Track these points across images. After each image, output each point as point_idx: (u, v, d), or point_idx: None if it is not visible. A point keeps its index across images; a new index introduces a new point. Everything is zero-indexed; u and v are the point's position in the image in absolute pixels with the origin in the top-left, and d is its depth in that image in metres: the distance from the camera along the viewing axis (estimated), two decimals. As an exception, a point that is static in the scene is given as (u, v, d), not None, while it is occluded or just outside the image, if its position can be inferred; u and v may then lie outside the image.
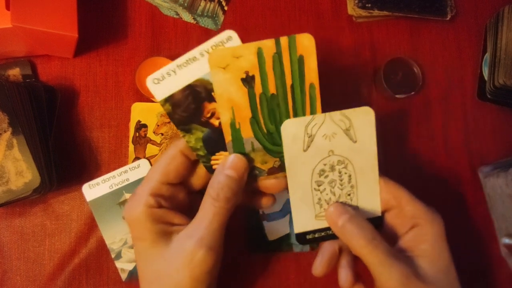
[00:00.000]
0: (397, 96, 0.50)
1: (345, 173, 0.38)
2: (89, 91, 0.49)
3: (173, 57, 0.48)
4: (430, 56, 0.54)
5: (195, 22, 0.51)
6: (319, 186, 0.38)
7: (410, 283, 0.35)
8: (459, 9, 0.54)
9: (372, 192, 0.39)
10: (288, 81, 0.36)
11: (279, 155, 0.37)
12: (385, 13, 0.51)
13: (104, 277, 0.47)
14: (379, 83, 0.51)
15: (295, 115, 0.36)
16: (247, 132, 0.36)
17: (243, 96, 0.35)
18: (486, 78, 0.51)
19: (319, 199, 0.38)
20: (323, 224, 0.39)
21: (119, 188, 0.47)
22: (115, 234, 0.46)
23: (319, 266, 0.40)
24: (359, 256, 0.36)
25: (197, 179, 0.40)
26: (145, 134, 0.49)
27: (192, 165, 0.39)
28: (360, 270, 0.41)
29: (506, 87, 0.47)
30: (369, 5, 0.51)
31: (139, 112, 0.49)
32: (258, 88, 0.35)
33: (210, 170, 0.38)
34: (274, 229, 0.48)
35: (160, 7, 0.51)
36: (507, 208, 0.47)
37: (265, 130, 0.36)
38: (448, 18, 0.52)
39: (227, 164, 0.36)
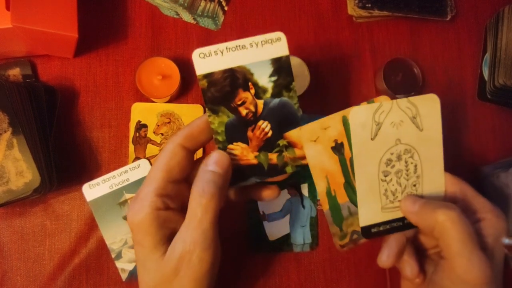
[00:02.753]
0: (397, 96, 0.50)
1: (411, 163, 0.38)
2: (89, 91, 0.49)
3: (173, 57, 0.48)
4: (430, 56, 0.54)
5: (195, 22, 0.51)
6: (385, 176, 0.38)
7: (485, 273, 0.34)
8: (459, 9, 0.54)
9: (437, 182, 0.38)
10: None
11: None
12: (385, 13, 0.51)
13: (104, 277, 0.47)
14: (379, 83, 0.51)
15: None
16: (342, 198, 0.38)
17: (335, 164, 0.37)
18: (486, 78, 0.51)
19: (386, 190, 0.38)
20: (389, 216, 0.39)
21: (119, 188, 0.47)
22: (115, 234, 0.46)
23: (388, 258, 0.38)
24: (440, 233, 0.35)
25: None
26: (145, 134, 0.49)
27: (193, 158, 0.38)
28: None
29: (506, 87, 0.47)
30: (369, 5, 0.51)
31: (139, 112, 0.49)
32: (347, 153, 0.37)
33: None
34: (275, 229, 0.48)
35: (160, 7, 0.51)
36: (507, 208, 0.47)
37: None
38: (448, 18, 0.52)
39: (210, 160, 0.35)
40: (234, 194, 0.40)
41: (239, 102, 0.37)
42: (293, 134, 0.37)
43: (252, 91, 0.36)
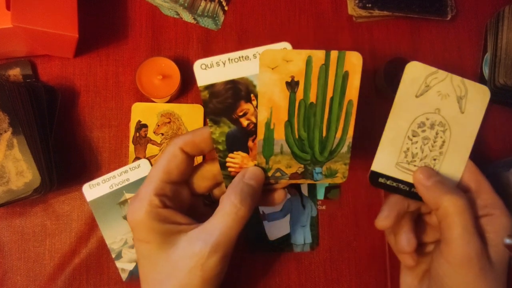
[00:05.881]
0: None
1: (441, 137, 0.38)
2: (89, 91, 0.49)
3: (173, 57, 0.48)
4: (430, 56, 0.54)
5: (196, 22, 0.52)
6: (413, 136, 0.38)
7: (483, 259, 0.35)
8: (459, 9, 0.54)
9: (456, 167, 0.39)
10: (329, 93, 0.36)
11: (305, 162, 0.38)
12: (386, 13, 0.51)
13: (104, 277, 0.47)
14: (380, 83, 0.51)
15: (329, 127, 0.37)
16: (279, 134, 0.37)
17: (284, 99, 0.36)
18: (486, 78, 0.51)
19: (408, 149, 0.38)
20: (399, 175, 0.39)
21: (120, 188, 0.47)
22: (115, 234, 0.46)
23: (385, 218, 0.39)
24: (443, 216, 0.36)
25: (200, 181, 0.39)
26: (146, 134, 0.49)
27: (193, 163, 0.38)
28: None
29: (507, 87, 0.47)
30: (370, 5, 0.51)
31: (139, 112, 0.49)
32: (299, 94, 0.36)
33: (223, 167, 0.38)
34: (275, 229, 0.48)
35: (161, 7, 0.51)
36: (509, 208, 0.47)
37: (297, 136, 0.37)
38: (448, 18, 0.52)
39: (248, 174, 0.37)
40: None
41: (241, 114, 0.37)
42: None
43: (254, 102, 0.36)
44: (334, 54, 0.35)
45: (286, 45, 0.36)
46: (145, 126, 0.49)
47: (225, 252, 0.34)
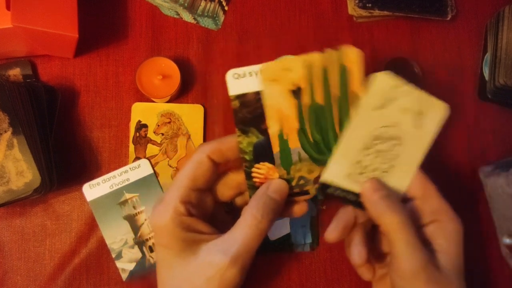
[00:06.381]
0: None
1: (394, 151, 0.38)
2: (89, 91, 0.49)
3: (173, 57, 0.48)
4: (430, 56, 0.54)
5: (196, 22, 0.51)
6: (367, 149, 0.38)
7: (429, 269, 0.35)
8: (459, 9, 0.54)
9: (404, 180, 0.39)
10: (335, 92, 0.37)
11: (325, 163, 0.38)
12: (386, 13, 0.51)
13: (104, 277, 0.47)
14: (380, 83, 0.51)
15: (341, 125, 0.37)
16: (294, 143, 0.37)
17: (292, 108, 0.37)
18: (486, 78, 0.51)
19: (360, 160, 0.38)
20: (349, 186, 0.39)
21: (120, 188, 0.47)
22: (115, 234, 0.46)
23: (333, 232, 0.39)
24: (386, 232, 0.36)
25: (224, 189, 0.39)
26: (146, 134, 0.49)
27: (217, 170, 0.39)
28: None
29: (507, 87, 0.47)
30: (370, 5, 0.51)
31: (139, 112, 0.49)
32: (306, 100, 0.37)
33: (248, 177, 0.38)
34: (275, 229, 0.48)
35: (161, 7, 0.51)
36: (508, 208, 0.47)
37: (312, 140, 0.37)
38: (448, 18, 0.52)
39: (272, 187, 0.37)
40: None
41: None
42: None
43: None
44: (331, 53, 0.36)
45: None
46: (145, 126, 0.49)
47: (244, 264, 0.34)
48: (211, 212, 0.39)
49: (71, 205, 0.47)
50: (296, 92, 0.36)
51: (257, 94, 0.36)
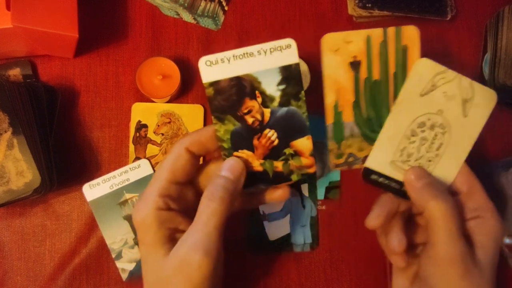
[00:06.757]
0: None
1: (439, 139, 0.38)
2: (89, 91, 0.49)
3: (173, 57, 0.48)
4: (430, 56, 0.53)
5: (196, 22, 0.52)
6: (412, 136, 0.38)
7: (466, 261, 0.35)
8: (459, 9, 0.54)
9: (450, 170, 0.38)
10: (392, 69, 0.37)
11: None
12: (386, 13, 0.51)
13: (104, 277, 0.47)
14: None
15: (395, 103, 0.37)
16: (348, 116, 0.37)
17: (349, 80, 0.37)
18: (486, 78, 0.51)
19: (404, 148, 0.38)
20: (393, 174, 0.38)
21: (120, 188, 0.47)
22: (115, 234, 0.46)
23: (376, 218, 0.38)
24: (430, 218, 0.36)
25: (205, 180, 0.39)
26: (146, 134, 0.49)
27: (199, 162, 0.38)
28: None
29: (507, 87, 0.47)
30: (370, 5, 0.51)
31: (139, 112, 0.49)
32: (363, 73, 0.37)
33: None
34: (275, 229, 0.48)
35: (161, 7, 0.51)
36: (507, 208, 0.47)
37: (365, 116, 0.38)
38: (448, 18, 0.52)
39: (224, 166, 0.36)
40: (240, 201, 0.40)
41: (246, 111, 0.36)
42: (300, 143, 0.37)
43: (259, 99, 0.36)
44: (391, 30, 0.36)
45: (290, 41, 0.36)
46: (145, 126, 0.49)
47: (206, 250, 0.33)
48: (193, 205, 0.38)
49: (71, 205, 0.47)
50: (355, 65, 0.36)
51: (231, 80, 0.36)
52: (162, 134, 0.49)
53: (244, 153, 0.37)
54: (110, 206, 0.47)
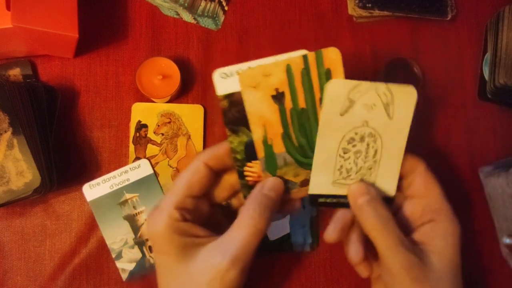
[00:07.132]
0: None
1: (372, 147, 0.38)
2: (89, 91, 0.49)
3: (173, 57, 0.48)
4: (430, 56, 0.54)
5: (196, 22, 0.51)
6: (344, 153, 0.38)
7: (413, 271, 0.35)
8: (459, 9, 0.54)
9: (391, 173, 0.39)
10: (317, 95, 0.36)
11: (310, 167, 0.38)
12: (386, 13, 0.51)
13: (104, 277, 0.47)
14: (380, 83, 0.51)
15: None
16: (279, 148, 0.37)
17: (274, 113, 0.36)
18: (486, 78, 0.51)
19: (341, 166, 0.38)
20: (338, 191, 0.39)
21: (120, 188, 0.47)
22: (115, 234, 0.46)
23: (332, 233, 0.39)
24: (369, 237, 0.37)
25: (220, 191, 0.39)
26: (146, 134, 0.49)
27: (215, 176, 0.39)
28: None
29: (507, 87, 0.47)
30: (370, 5, 0.51)
31: (139, 112, 0.49)
32: (288, 104, 0.36)
33: (241, 176, 0.38)
34: (275, 229, 0.48)
35: (161, 7, 0.51)
36: (508, 208, 0.47)
37: (296, 144, 0.37)
38: (448, 18, 0.52)
39: (267, 185, 0.37)
40: None
41: None
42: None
43: None
44: (311, 56, 0.35)
45: (304, 52, 0.35)
46: (145, 126, 0.49)
47: (244, 265, 0.34)
48: (207, 216, 0.39)
49: (71, 205, 0.47)
50: (278, 97, 0.36)
51: None
52: (162, 134, 0.49)
53: (257, 164, 0.37)
54: (110, 206, 0.47)
